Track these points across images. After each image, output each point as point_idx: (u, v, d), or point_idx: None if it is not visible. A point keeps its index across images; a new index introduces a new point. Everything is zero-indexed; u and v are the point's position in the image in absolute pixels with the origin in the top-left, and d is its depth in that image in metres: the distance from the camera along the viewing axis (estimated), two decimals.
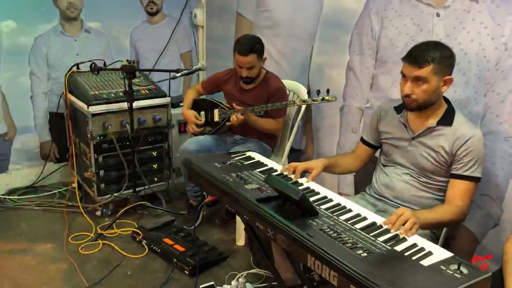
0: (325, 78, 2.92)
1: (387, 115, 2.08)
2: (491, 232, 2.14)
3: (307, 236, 1.48)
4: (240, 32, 3.47)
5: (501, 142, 2.07)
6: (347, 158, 2.23)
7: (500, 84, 2.05)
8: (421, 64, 1.78)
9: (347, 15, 2.69)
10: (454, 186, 1.87)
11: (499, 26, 2.02)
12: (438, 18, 2.24)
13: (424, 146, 1.93)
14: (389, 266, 1.36)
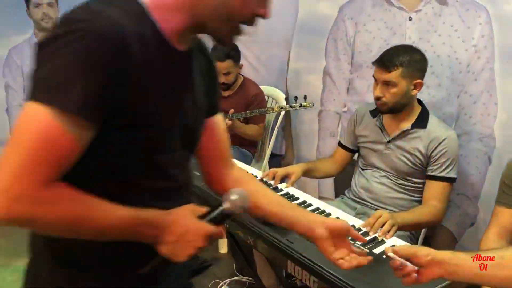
0: (303, 84, 2.95)
1: (364, 119, 2.11)
2: (469, 230, 2.18)
3: (287, 242, 1.48)
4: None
5: (475, 142, 2.11)
6: (326, 162, 2.25)
7: (472, 85, 2.09)
8: (389, 68, 1.81)
9: (322, 21, 2.72)
10: (431, 187, 1.90)
11: (469, 29, 2.07)
12: (411, 22, 2.28)
13: (400, 149, 1.96)
14: (368, 269, 1.36)
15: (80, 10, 0.79)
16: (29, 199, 0.76)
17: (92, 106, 0.77)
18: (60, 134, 0.76)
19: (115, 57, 0.78)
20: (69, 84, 0.75)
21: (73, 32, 0.75)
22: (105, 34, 0.77)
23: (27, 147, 0.75)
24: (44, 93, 0.76)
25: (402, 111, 1.92)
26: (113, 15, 0.79)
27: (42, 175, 0.77)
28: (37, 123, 0.76)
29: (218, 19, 0.87)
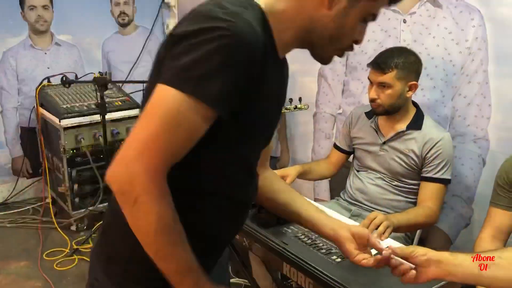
0: (298, 86, 2.95)
1: (359, 121, 2.11)
2: (463, 232, 2.19)
3: (282, 244, 1.49)
4: None
5: (470, 143, 2.12)
6: (321, 164, 2.25)
7: (466, 87, 2.10)
8: (384, 70, 1.82)
9: None
10: (425, 189, 1.90)
11: (462, 32, 2.08)
12: (405, 24, 2.29)
13: (395, 151, 1.96)
14: (363, 271, 1.36)
15: (218, 9, 0.83)
16: (151, 175, 0.81)
17: (224, 102, 0.83)
18: (193, 121, 0.82)
19: (252, 62, 0.83)
20: (211, 77, 0.80)
21: (219, 29, 0.80)
22: (248, 38, 0.82)
23: (162, 124, 0.81)
24: (186, 82, 0.80)
25: (397, 112, 1.92)
26: (251, 20, 0.84)
27: (167, 153, 0.82)
28: (176, 107, 0.81)
29: (329, 41, 0.94)
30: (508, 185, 1.64)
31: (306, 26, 0.93)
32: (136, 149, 0.81)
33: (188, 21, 0.85)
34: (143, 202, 0.81)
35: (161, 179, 0.83)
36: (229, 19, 0.81)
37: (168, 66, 0.83)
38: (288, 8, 0.92)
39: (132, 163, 0.81)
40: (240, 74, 0.82)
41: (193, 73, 0.80)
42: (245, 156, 1.00)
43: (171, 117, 0.81)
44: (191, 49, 0.80)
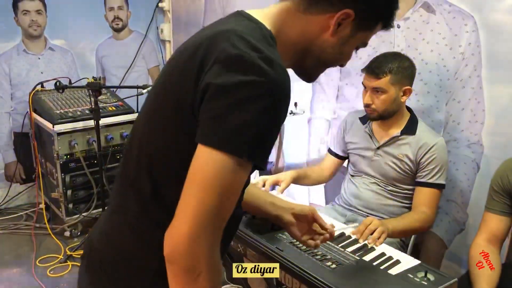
0: (293, 91, 2.95)
1: (353, 126, 2.11)
2: (458, 237, 2.19)
3: (277, 250, 1.48)
4: None
5: (464, 148, 2.13)
6: (316, 169, 2.25)
7: (460, 92, 2.11)
8: (378, 75, 1.82)
9: None
10: (420, 194, 1.91)
11: (456, 37, 2.09)
12: (399, 30, 2.30)
13: (389, 155, 1.96)
14: (358, 277, 1.37)
15: (253, 52, 0.79)
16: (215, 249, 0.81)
17: (268, 156, 0.84)
18: (243, 181, 0.82)
19: (287, 109, 0.83)
20: (264, 139, 0.80)
21: (261, 83, 0.77)
22: (286, 87, 0.80)
23: (220, 195, 0.79)
24: (240, 147, 0.77)
25: (391, 117, 1.93)
26: (280, 62, 0.82)
27: (226, 220, 0.82)
28: (233, 176, 0.79)
29: (323, 64, 0.97)
30: (503, 190, 1.64)
31: (305, 49, 0.93)
32: (198, 225, 0.78)
33: (223, 67, 0.79)
34: (205, 279, 0.80)
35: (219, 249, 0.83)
36: (268, 70, 0.78)
37: (212, 125, 0.78)
38: (293, 32, 0.92)
39: (196, 241, 0.78)
40: (280, 126, 0.84)
41: (246, 136, 0.77)
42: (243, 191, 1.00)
43: (229, 185, 0.80)
44: (236, 108, 0.77)
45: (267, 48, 0.82)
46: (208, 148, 0.78)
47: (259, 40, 0.83)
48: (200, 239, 0.78)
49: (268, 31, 0.88)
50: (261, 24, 0.89)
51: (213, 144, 0.77)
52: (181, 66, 0.86)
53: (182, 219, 0.79)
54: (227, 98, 0.77)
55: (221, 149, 0.77)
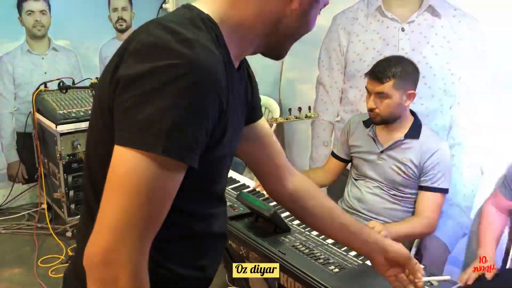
0: (296, 93, 2.95)
1: (357, 129, 2.10)
2: (461, 241, 2.18)
3: (279, 253, 1.47)
4: None
5: (468, 153, 2.12)
6: (318, 172, 2.24)
7: (464, 96, 2.10)
8: (382, 80, 1.81)
9: (315, 31, 2.68)
10: (423, 198, 1.90)
11: (461, 41, 2.08)
12: (403, 33, 2.29)
13: (392, 159, 1.96)
14: (361, 281, 1.36)
15: (169, 35, 0.70)
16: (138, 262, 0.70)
17: (195, 152, 0.71)
18: (168, 183, 0.71)
19: (218, 94, 0.72)
20: (181, 129, 0.68)
21: (177, 66, 0.67)
22: (212, 70, 0.70)
23: (136, 199, 0.68)
24: (153, 141, 0.67)
25: (395, 121, 1.92)
26: (206, 42, 0.73)
27: (149, 229, 0.71)
28: (148, 174, 0.68)
29: (290, 39, 0.88)
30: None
31: (268, 28, 0.84)
32: (114, 235, 0.68)
33: (134, 57, 0.71)
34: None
35: (145, 263, 0.72)
36: (185, 51, 0.68)
37: (123, 121, 0.69)
38: (246, 16, 0.82)
39: (113, 253, 0.68)
40: (209, 113, 0.72)
41: (159, 127, 0.67)
42: (215, 189, 0.91)
43: (145, 187, 0.68)
44: (148, 97, 0.67)
45: (190, 30, 0.72)
46: (119, 147, 0.69)
47: (182, 24, 0.74)
48: (119, 251, 0.68)
49: (205, 15, 0.78)
50: (196, 10, 0.79)
51: (122, 142, 0.68)
52: (106, 66, 0.79)
53: (97, 228, 0.69)
54: (136, 89, 0.68)
55: (131, 146, 0.67)
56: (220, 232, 0.97)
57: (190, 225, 0.88)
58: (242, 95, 0.96)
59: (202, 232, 0.91)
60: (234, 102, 0.86)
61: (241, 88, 0.95)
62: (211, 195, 0.91)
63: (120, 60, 0.73)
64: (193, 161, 0.71)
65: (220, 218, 0.97)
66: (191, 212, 0.87)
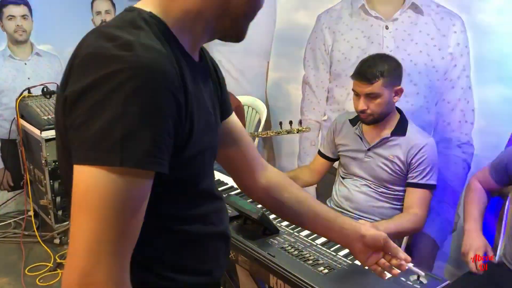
0: (282, 93, 2.95)
1: (343, 128, 2.10)
2: (450, 237, 2.19)
3: (268, 256, 1.46)
4: None
5: (454, 149, 2.13)
6: (305, 171, 2.24)
7: (449, 93, 2.11)
8: (371, 81, 1.81)
9: (300, 30, 2.73)
10: (411, 195, 1.90)
11: (444, 37, 2.09)
12: (387, 31, 2.30)
13: (380, 157, 1.96)
14: (350, 282, 1.35)
15: (107, 43, 0.68)
16: (117, 281, 0.67)
17: (160, 154, 0.69)
18: (135, 194, 0.68)
19: (171, 91, 0.69)
20: (136, 135, 0.65)
21: (119, 72, 0.65)
22: (157, 68, 0.67)
23: (104, 217, 0.65)
24: (108, 154, 0.64)
25: (383, 119, 1.92)
26: (150, 41, 0.70)
27: (125, 245, 0.68)
28: (111, 190, 0.65)
29: (243, 18, 0.83)
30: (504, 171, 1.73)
31: (217, 14, 0.80)
32: (87, 257, 0.65)
33: (78, 72, 0.69)
34: None
35: (127, 278, 0.70)
36: (125, 55, 0.66)
37: (76, 139, 0.67)
38: (190, 4, 0.78)
39: (89, 275, 0.65)
40: (165, 113, 0.69)
41: (112, 139, 0.64)
42: (201, 187, 0.88)
43: (109, 202, 0.65)
44: (96, 110, 0.64)
45: (130, 32, 0.70)
46: (78, 165, 0.66)
47: (122, 27, 0.72)
48: (96, 273, 0.65)
49: (146, 13, 0.76)
50: (137, 10, 0.77)
51: (79, 160, 0.66)
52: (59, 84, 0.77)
53: (71, 250, 0.67)
54: (82, 104, 0.66)
55: (87, 163, 0.65)
56: (220, 230, 0.95)
57: (185, 229, 0.86)
58: (211, 88, 0.94)
59: (199, 234, 0.89)
60: (200, 95, 0.83)
61: (208, 81, 0.92)
62: (199, 194, 0.89)
63: (67, 77, 0.71)
64: (158, 166, 0.69)
65: (218, 216, 0.95)
66: (182, 215, 0.86)
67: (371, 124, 1.94)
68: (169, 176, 0.73)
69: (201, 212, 0.89)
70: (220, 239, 0.96)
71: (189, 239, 0.87)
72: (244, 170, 1.11)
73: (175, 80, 0.71)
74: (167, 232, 0.83)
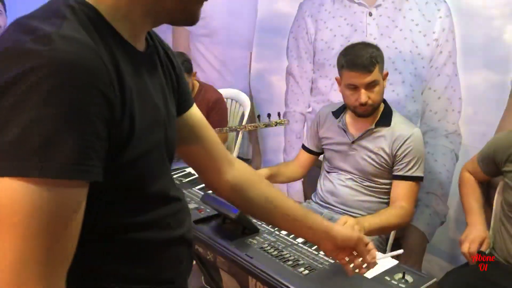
0: (266, 85, 2.86)
1: (326, 120, 2.02)
2: (439, 230, 2.12)
3: (246, 257, 1.39)
4: (178, 42, 3.37)
5: (442, 138, 2.06)
6: (289, 166, 2.16)
7: (436, 81, 2.04)
8: (370, 69, 1.71)
9: (282, 19, 2.64)
10: (398, 188, 1.83)
11: (429, 23, 2.01)
12: (371, 18, 2.22)
13: (364, 149, 1.88)
14: (331, 283, 1.28)
15: (25, 35, 0.60)
16: None
17: (89, 160, 0.61)
18: (61, 207, 0.60)
19: (97, 86, 0.61)
20: (55, 144, 0.57)
21: (32, 70, 0.57)
22: (76, 61, 0.59)
23: (28, 235, 0.57)
24: (26, 163, 0.56)
25: None
26: (71, 32, 0.62)
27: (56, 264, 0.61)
28: (32, 204, 0.57)
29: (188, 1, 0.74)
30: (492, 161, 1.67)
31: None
32: (13, 281, 0.57)
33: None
34: None
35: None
36: (42, 49, 0.57)
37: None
38: None
39: None
40: (92, 112, 0.60)
41: (29, 147, 0.56)
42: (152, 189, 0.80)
43: (32, 217, 0.57)
44: (11, 114, 0.56)
45: (50, 23, 0.62)
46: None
47: (44, 17, 0.64)
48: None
49: (72, 0, 0.68)
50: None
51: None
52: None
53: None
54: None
55: (4, 174, 0.57)
56: (179, 234, 0.87)
57: (137, 237, 0.78)
58: (161, 78, 0.85)
59: (155, 240, 0.81)
60: (145, 89, 0.75)
61: (157, 71, 0.84)
62: (149, 198, 0.80)
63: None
64: (85, 174, 0.61)
65: (175, 218, 0.87)
66: (132, 222, 0.77)
67: (369, 116, 1.85)
68: (109, 182, 0.65)
69: (154, 217, 0.81)
70: (180, 243, 0.88)
71: (143, 247, 0.80)
72: (209, 167, 1.03)
73: (104, 75, 0.62)
74: (115, 242, 0.76)
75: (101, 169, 0.63)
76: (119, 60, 0.68)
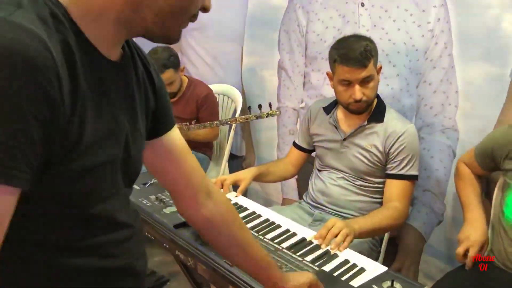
0: (258, 80, 2.77)
1: (318, 117, 1.93)
2: (437, 229, 2.03)
3: (227, 265, 1.31)
4: None
5: (438, 134, 1.96)
6: (280, 164, 2.07)
7: (431, 73, 1.94)
8: (365, 63, 1.61)
9: (273, 12, 2.54)
10: (391, 187, 1.74)
11: (424, 13, 1.91)
12: (363, 8, 2.12)
13: (356, 147, 1.79)
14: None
15: None
16: None
17: (15, 163, 0.54)
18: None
19: (41, 84, 0.54)
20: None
21: None
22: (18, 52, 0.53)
23: None
24: None
25: None
26: (21, 20, 0.55)
27: None
28: None
29: (170, 15, 0.69)
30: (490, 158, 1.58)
31: (133, 4, 0.66)
32: None
33: None
34: None
35: None
36: None
37: None
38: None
39: None
40: (28, 112, 0.53)
41: None
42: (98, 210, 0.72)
43: None
44: None
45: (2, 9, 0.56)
46: None
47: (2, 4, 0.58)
48: None
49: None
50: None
51: None
52: None
53: None
54: None
55: None
56: (123, 265, 0.79)
57: (69, 263, 0.70)
58: (134, 95, 0.78)
59: (89, 269, 0.73)
60: (103, 99, 0.68)
61: (130, 86, 0.77)
62: (90, 221, 0.72)
63: None
64: (11, 179, 0.53)
65: (120, 247, 0.78)
66: (65, 246, 0.69)
67: (364, 112, 1.76)
68: (45, 193, 0.59)
69: (93, 243, 0.73)
70: (126, 275, 0.80)
71: (77, 273, 0.71)
72: (185, 195, 0.96)
73: (49, 71, 0.55)
74: (45, 264, 0.68)
75: (30, 177, 0.55)
76: (77, 61, 0.62)
